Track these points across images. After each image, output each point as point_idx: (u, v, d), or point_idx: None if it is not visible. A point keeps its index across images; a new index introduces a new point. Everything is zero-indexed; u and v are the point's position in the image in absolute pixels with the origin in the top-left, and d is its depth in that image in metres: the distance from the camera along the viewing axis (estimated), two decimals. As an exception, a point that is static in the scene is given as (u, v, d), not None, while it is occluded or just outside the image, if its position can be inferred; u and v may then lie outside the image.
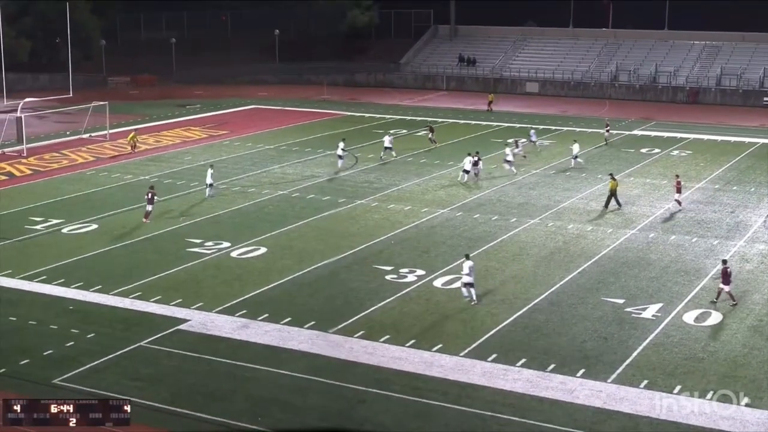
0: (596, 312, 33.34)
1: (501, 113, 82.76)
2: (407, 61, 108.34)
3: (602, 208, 47.90)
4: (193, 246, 41.01)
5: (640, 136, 71.06)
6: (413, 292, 35.38)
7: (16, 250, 40.69)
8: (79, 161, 60.09)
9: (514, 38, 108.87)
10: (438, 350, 29.81)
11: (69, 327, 31.50)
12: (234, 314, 32.85)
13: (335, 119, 79.59)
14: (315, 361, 28.97)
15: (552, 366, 28.57)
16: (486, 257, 39.69)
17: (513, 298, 34.69)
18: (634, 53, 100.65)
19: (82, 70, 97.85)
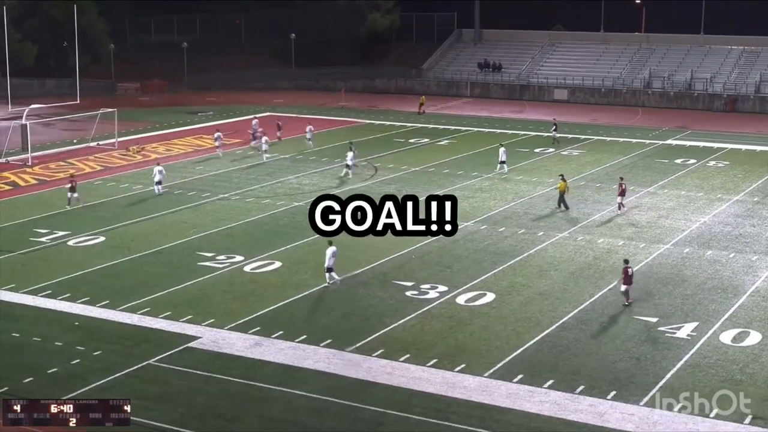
0: (628, 331, 33.19)
1: (528, 121, 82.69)
2: (429, 67, 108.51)
3: (555, 208, 50.22)
4: (204, 260, 41.12)
5: (675, 146, 70.86)
6: (435, 309, 35.34)
7: (20, 263, 40.92)
8: (86, 170, 60.41)
9: (542, 43, 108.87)
10: (461, 370, 29.75)
11: (74, 344, 31.61)
12: (247, 331, 32.89)
13: (354, 127, 79.76)
14: (331, 382, 28.96)
15: (581, 387, 28.45)
16: (512, 273, 39.62)
17: (540, 316, 34.59)
18: (668, 59, 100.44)
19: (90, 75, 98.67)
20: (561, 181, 50.92)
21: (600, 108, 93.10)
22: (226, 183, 56.40)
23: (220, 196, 53.18)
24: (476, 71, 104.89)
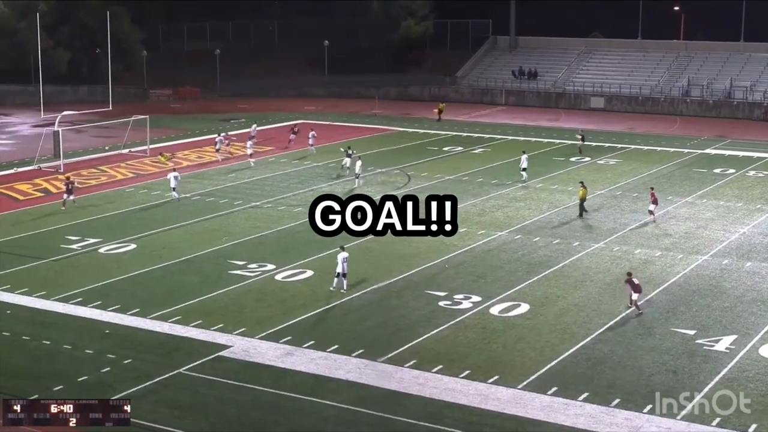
0: (665, 343, 32.97)
1: (564, 130, 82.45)
2: (464, 74, 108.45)
3: (577, 216, 50.36)
4: (236, 268, 41.27)
5: (714, 156, 70.38)
6: (468, 319, 35.27)
7: (52, 270, 41.25)
8: (118, 177, 60.84)
9: (579, 50, 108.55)
10: (494, 382, 29.65)
11: (105, 352, 31.81)
12: (278, 341, 32.96)
13: (387, 135, 79.83)
14: (363, 392, 28.96)
15: (616, 401, 28.28)
16: (546, 283, 39.48)
17: (575, 328, 34.44)
18: (707, 66, 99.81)
19: (123, 82, 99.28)
20: (581, 188, 50.89)
21: (637, 116, 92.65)
22: (258, 191, 56.61)
23: (252, 203, 53.37)
24: (511, 79, 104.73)
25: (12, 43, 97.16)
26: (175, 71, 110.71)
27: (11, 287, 38.40)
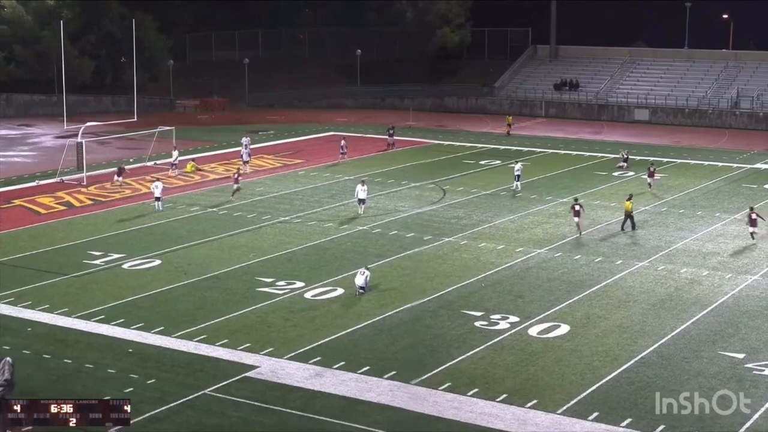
0: (712, 367, 32.72)
1: (606, 143, 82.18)
2: (502, 85, 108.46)
3: (620, 231, 50.88)
4: (263, 285, 41.37)
5: (764, 170, 69.95)
6: (505, 340, 35.16)
7: (74, 286, 41.51)
8: (142, 191, 61.12)
9: (622, 60, 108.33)
10: (532, 406, 29.53)
11: (128, 371, 31.95)
12: (307, 361, 32.97)
13: (421, 148, 79.88)
14: (395, 416, 28.91)
15: (661, 427, 28.07)
16: (588, 304, 39.31)
17: (618, 350, 34.25)
18: (757, 77, 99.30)
19: (148, 92, 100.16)
20: (627, 201, 51.21)
21: (683, 129, 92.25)
22: (288, 205, 56.79)
23: (280, 218, 53.55)
24: (551, 90, 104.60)
25: (35, 51, 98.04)
26: (202, 81, 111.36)
27: (32, 303, 38.68)
